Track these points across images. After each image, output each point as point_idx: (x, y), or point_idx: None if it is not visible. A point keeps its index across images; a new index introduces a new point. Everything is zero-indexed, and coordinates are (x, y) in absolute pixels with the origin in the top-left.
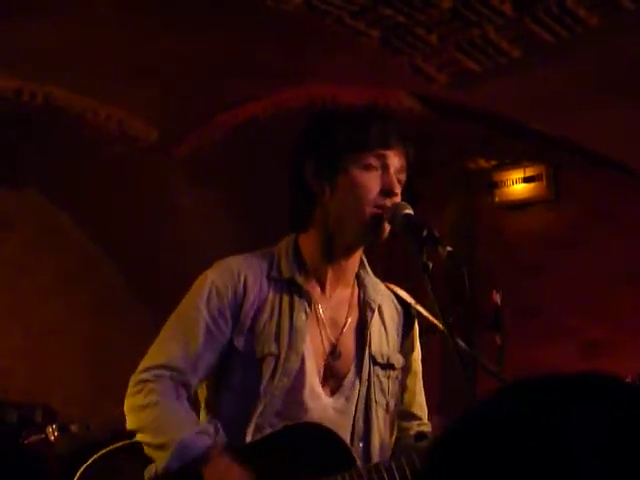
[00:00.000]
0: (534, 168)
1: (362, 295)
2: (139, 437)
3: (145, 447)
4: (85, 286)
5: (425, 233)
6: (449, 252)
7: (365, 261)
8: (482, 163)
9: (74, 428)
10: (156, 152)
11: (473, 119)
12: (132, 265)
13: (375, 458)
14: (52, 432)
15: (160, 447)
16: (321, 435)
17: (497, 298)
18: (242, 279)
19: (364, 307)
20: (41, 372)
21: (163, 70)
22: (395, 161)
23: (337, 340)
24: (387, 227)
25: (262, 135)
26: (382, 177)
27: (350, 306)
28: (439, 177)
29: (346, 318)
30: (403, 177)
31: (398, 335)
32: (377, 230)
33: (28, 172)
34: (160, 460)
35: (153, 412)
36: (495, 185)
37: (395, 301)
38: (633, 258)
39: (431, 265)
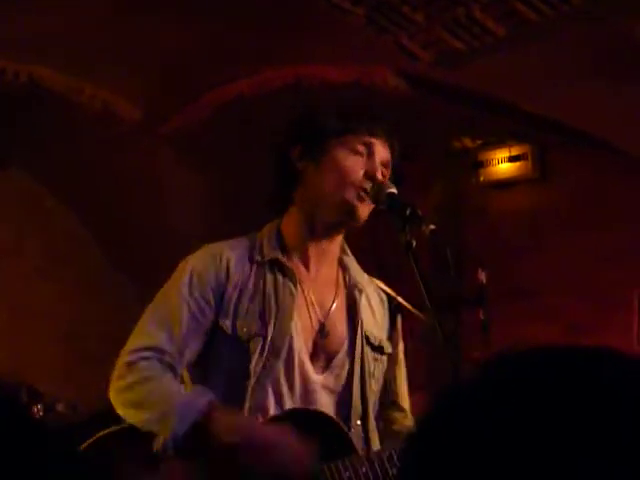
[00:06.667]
0: (519, 147)
1: (347, 277)
2: (133, 416)
3: (143, 424)
4: (71, 267)
5: (408, 212)
6: (432, 230)
7: (347, 247)
8: (467, 142)
9: (60, 408)
10: (141, 132)
11: (458, 98)
12: (118, 246)
13: (372, 437)
14: (38, 412)
15: (162, 417)
16: (321, 421)
17: (482, 276)
18: (224, 262)
19: (351, 288)
20: (25, 353)
21: (148, 53)
22: (381, 151)
23: (325, 319)
24: (365, 211)
25: (248, 114)
26: (367, 163)
27: (337, 287)
28: (424, 156)
29: (333, 299)
30: (387, 171)
31: (385, 323)
32: (355, 213)
33: (12, 152)
34: (165, 429)
35: (147, 386)
36: (480, 164)
37: (379, 290)
38: (619, 237)
39: (415, 243)
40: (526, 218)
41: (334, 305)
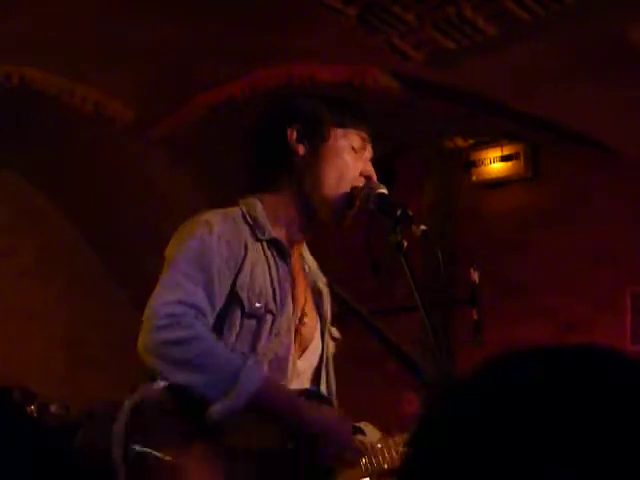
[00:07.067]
0: (511, 147)
1: (306, 267)
2: (177, 374)
3: (191, 385)
4: (63, 268)
5: (399, 212)
6: (423, 231)
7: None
8: (459, 142)
9: (53, 409)
10: (133, 133)
11: (450, 97)
12: (110, 247)
13: None
14: (31, 413)
15: (217, 383)
16: (318, 400)
17: (475, 276)
18: (243, 233)
19: (313, 277)
20: (18, 354)
21: (140, 52)
22: (370, 151)
23: (304, 306)
24: (351, 211)
25: (239, 115)
26: (361, 161)
27: (305, 277)
28: (416, 156)
29: (305, 287)
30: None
31: (331, 314)
32: (344, 219)
33: (6, 153)
34: (220, 396)
35: (199, 346)
36: (473, 164)
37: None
38: (611, 237)
39: (405, 244)
40: (518, 217)
41: (307, 293)
